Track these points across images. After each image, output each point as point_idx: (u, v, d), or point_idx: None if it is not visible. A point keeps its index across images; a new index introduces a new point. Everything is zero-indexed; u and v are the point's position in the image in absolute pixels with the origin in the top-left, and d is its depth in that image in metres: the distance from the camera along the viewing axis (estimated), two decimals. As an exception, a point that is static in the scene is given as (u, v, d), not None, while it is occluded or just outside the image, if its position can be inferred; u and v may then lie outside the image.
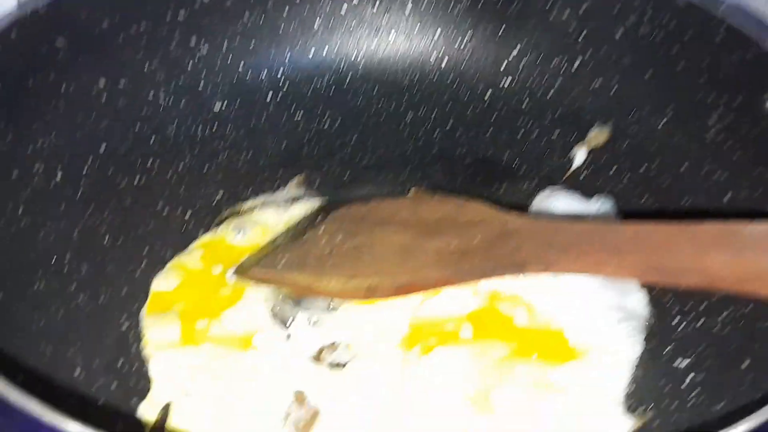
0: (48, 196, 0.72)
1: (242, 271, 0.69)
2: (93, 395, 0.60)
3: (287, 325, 0.66)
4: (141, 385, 0.62)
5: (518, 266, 0.61)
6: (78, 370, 0.62)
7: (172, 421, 0.60)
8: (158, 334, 0.65)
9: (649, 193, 0.78)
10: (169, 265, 0.72)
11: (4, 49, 0.70)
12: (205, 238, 0.75)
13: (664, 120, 0.81)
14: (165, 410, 0.60)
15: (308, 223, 0.74)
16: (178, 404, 0.61)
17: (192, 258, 0.73)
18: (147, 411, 0.60)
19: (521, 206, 0.80)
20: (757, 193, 0.70)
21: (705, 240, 0.55)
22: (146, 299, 0.69)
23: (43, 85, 0.74)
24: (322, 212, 0.75)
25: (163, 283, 0.70)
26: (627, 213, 0.77)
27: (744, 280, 0.54)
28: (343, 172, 0.82)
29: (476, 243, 0.63)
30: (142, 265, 0.71)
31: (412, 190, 0.79)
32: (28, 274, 0.66)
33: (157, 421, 0.59)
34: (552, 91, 0.88)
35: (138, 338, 0.65)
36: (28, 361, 0.59)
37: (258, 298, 0.69)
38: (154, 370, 0.63)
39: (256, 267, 0.67)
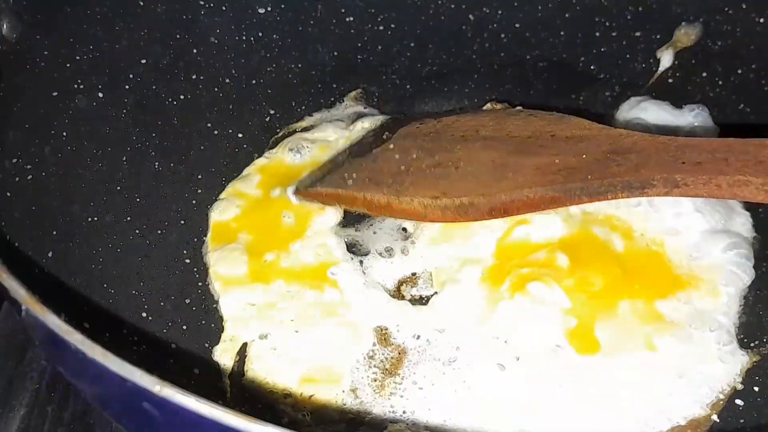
0: (91, 117, 0.65)
1: (305, 188, 0.63)
2: (164, 339, 0.55)
3: (362, 254, 0.61)
4: (213, 327, 0.58)
5: (639, 187, 0.54)
6: (145, 312, 0.57)
7: (250, 366, 0.55)
8: (225, 270, 0.60)
9: (746, 101, 0.71)
10: (225, 192, 0.66)
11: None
12: (261, 161, 0.69)
13: (765, 16, 0.72)
14: (241, 354, 0.56)
15: (374, 139, 0.67)
16: (254, 347, 0.56)
17: (249, 183, 0.67)
18: (222, 355, 0.56)
19: (603, 116, 0.73)
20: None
21: None
22: (206, 230, 0.63)
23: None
24: (388, 129, 0.68)
25: (222, 212, 0.64)
26: (723, 124, 0.70)
27: None
28: (403, 84, 0.75)
29: (586, 159, 0.56)
30: (199, 192, 0.66)
31: (488, 105, 0.72)
32: (79, 206, 0.60)
33: (233, 366, 0.55)
34: (633, -17, 0.79)
35: (204, 275, 0.60)
36: (93, 302, 0.54)
37: (327, 226, 0.63)
38: (224, 310, 0.58)
39: (321, 184, 0.61)
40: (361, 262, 0.61)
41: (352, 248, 0.62)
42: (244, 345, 0.57)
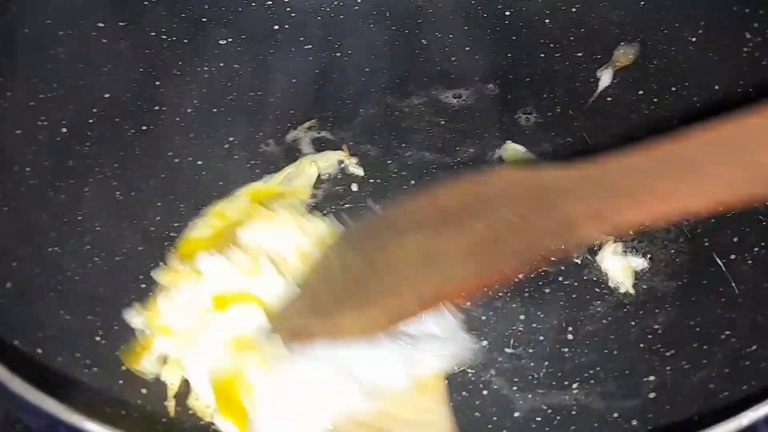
0: (54, 151, 0.69)
1: (275, 324, 0.60)
2: (115, 361, 0.60)
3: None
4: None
5: (567, 231, 0.48)
6: (98, 336, 0.61)
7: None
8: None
9: (680, 117, 0.74)
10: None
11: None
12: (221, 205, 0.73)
13: (696, 35, 0.76)
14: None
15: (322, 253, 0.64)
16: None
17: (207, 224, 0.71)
18: (168, 375, 0.60)
19: (548, 131, 0.77)
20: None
21: None
22: (163, 257, 0.68)
23: (40, 33, 0.70)
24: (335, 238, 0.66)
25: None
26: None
27: None
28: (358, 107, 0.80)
29: (508, 218, 0.51)
30: (158, 219, 0.70)
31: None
32: (41, 237, 0.64)
33: (180, 386, 0.59)
34: (576, 6, 0.82)
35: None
36: (48, 327, 0.59)
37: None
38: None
39: (278, 319, 0.59)
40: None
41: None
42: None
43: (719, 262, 0.67)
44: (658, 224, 0.69)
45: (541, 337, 0.66)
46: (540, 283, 0.68)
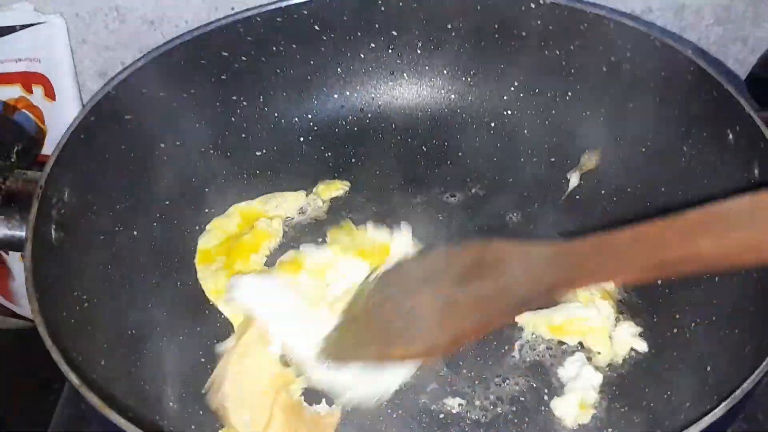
0: (127, 253, 0.86)
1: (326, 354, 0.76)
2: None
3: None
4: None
5: (547, 292, 0.64)
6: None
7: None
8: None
9: (634, 213, 0.91)
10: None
11: (85, 129, 0.83)
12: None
13: (645, 147, 0.93)
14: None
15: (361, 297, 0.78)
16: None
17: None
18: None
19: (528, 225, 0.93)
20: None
21: (693, 228, 0.58)
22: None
23: (116, 156, 0.87)
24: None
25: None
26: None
27: (734, 254, 0.57)
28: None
29: (503, 280, 0.66)
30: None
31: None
32: (122, 320, 0.81)
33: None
34: (548, 120, 0.99)
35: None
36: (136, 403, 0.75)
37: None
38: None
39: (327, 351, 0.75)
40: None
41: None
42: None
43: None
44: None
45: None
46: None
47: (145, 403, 0.76)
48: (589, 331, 0.82)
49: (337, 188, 0.97)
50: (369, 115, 1.03)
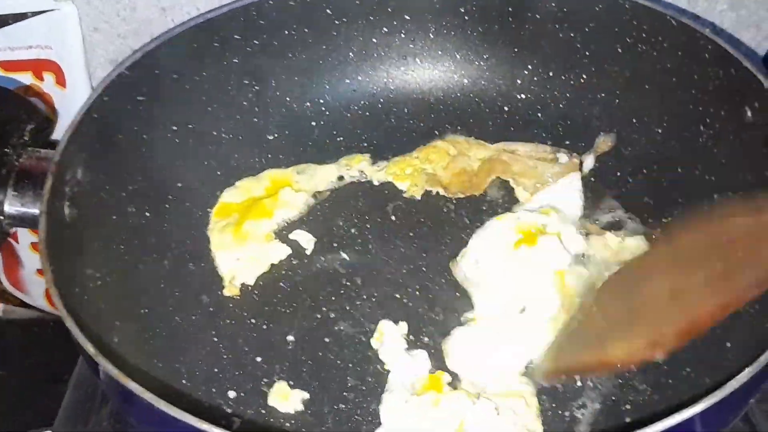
0: (140, 232, 0.86)
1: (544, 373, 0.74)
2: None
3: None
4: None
5: None
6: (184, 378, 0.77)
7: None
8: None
9: (648, 195, 0.90)
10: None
11: (99, 109, 0.82)
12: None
13: (662, 128, 0.92)
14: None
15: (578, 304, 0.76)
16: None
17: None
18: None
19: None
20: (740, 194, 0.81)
21: None
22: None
23: (129, 137, 0.87)
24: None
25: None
26: (633, 212, 0.89)
27: None
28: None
29: (740, 255, 0.61)
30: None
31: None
32: (140, 297, 0.81)
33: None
34: (563, 103, 0.99)
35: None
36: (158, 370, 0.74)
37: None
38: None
39: (546, 368, 0.73)
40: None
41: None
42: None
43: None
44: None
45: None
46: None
47: (157, 381, 0.75)
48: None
49: (359, 161, 0.97)
50: (381, 100, 1.03)
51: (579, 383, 0.75)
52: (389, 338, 0.79)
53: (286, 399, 0.76)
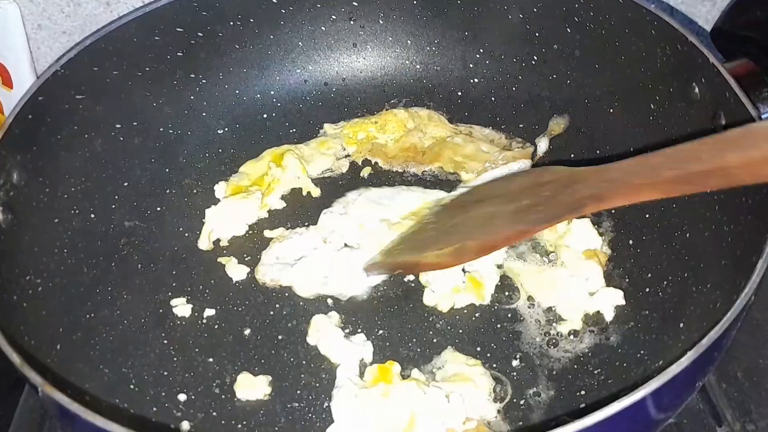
0: (85, 235, 0.84)
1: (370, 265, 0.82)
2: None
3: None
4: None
5: (577, 208, 0.71)
6: (132, 384, 0.75)
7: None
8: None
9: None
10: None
11: (34, 109, 0.80)
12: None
13: (613, 107, 0.91)
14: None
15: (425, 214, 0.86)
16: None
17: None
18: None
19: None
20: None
21: (722, 145, 0.63)
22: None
23: (69, 137, 0.85)
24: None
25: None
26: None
27: (757, 166, 0.60)
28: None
29: (544, 197, 0.73)
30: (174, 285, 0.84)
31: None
32: (78, 306, 0.79)
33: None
34: (515, 86, 0.97)
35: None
36: (94, 381, 0.72)
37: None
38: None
39: (375, 261, 0.82)
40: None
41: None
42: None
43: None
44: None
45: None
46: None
47: (104, 388, 0.73)
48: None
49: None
50: (334, 89, 1.01)
51: (531, 372, 0.75)
52: (324, 331, 0.78)
53: (253, 387, 0.76)
